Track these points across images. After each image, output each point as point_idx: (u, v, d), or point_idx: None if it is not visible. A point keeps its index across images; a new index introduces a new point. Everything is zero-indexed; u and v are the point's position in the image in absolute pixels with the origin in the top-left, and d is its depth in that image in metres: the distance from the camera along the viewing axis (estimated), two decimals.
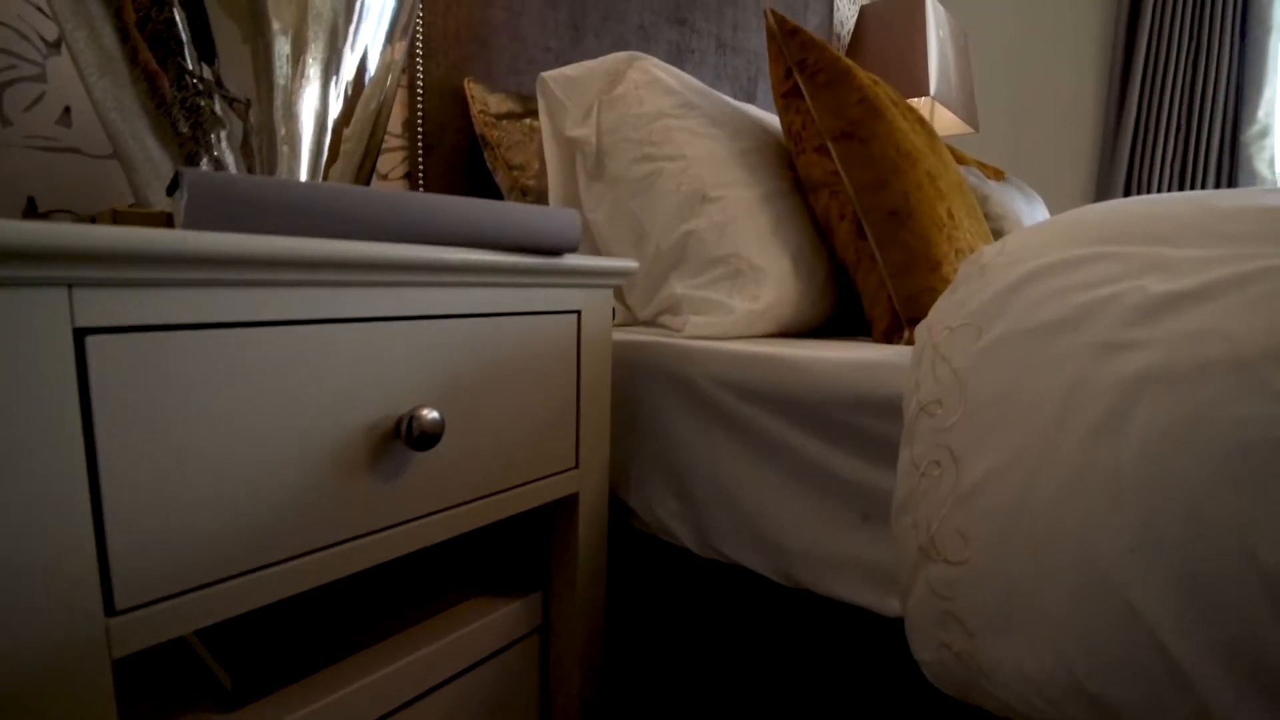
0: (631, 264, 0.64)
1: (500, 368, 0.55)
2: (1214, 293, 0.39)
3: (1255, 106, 1.99)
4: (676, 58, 1.40)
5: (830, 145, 0.78)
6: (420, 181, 1.00)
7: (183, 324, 0.37)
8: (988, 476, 0.41)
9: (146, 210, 0.49)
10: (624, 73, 0.86)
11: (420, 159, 1.00)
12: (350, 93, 0.59)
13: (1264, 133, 1.99)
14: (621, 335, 0.77)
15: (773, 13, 0.82)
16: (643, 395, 0.72)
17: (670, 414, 0.70)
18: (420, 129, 1.00)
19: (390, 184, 1.00)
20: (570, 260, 0.57)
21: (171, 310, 0.36)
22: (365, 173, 0.66)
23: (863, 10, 1.97)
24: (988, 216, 1.04)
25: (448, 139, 1.02)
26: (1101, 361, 0.39)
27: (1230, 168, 2.04)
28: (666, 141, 0.81)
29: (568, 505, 0.66)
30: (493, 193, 1.06)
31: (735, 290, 0.76)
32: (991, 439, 0.42)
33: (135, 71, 0.49)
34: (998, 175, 1.45)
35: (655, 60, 0.87)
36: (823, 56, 0.80)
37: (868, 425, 0.56)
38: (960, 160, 1.36)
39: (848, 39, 2.13)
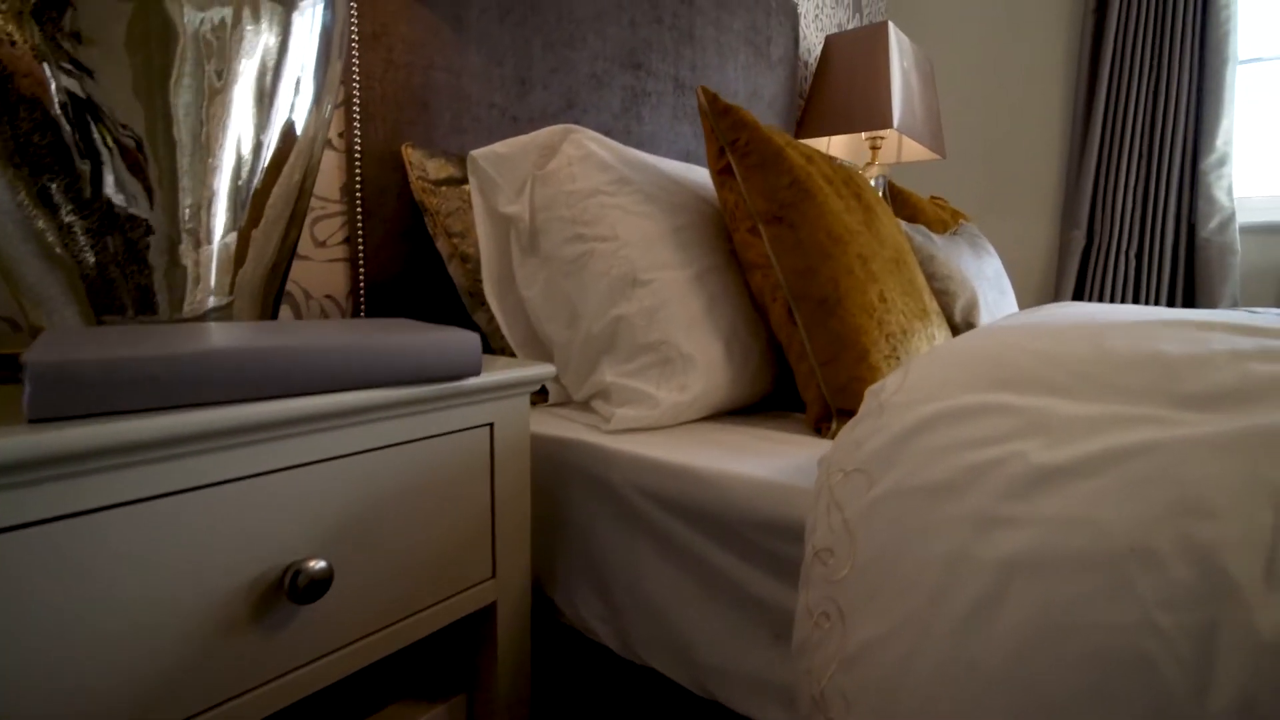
0: (545, 369, 0.63)
1: (402, 496, 0.54)
2: (1091, 469, 0.38)
3: (1214, 136, 2.01)
4: (633, 102, 1.39)
5: (761, 228, 0.78)
6: (360, 248, 0.98)
7: (30, 521, 0.36)
8: (869, 645, 0.41)
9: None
10: (558, 147, 0.85)
11: (360, 225, 0.98)
12: (271, 163, 0.57)
13: (1222, 161, 2.01)
14: (548, 428, 0.76)
15: (704, 90, 0.81)
16: (568, 495, 0.71)
17: (594, 517, 0.69)
18: (359, 194, 0.98)
19: (329, 250, 0.98)
20: (472, 382, 0.56)
21: (17, 510, 0.35)
22: (290, 243, 0.65)
23: (828, 40, 1.97)
24: (933, 277, 1.04)
25: (388, 204, 1.01)
26: (979, 537, 0.39)
27: (1191, 195, 2.06)
28: (599, 221, 0.80)
29: (488, 613, 0.65)
30: (435, 258, 1.05)
31: (664, 380, 0.75)
32: (875, 604, 0.41)
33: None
34: (955, 219, 1.45)
35: (590, 133, 0.86)
36: (754, 137, 0.79)
37: (779, 548, 0.56)
38: (916, 212, 1.36)
39: (814, 65, 2.13)
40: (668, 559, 0.63)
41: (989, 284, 1.12)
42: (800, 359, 0.77)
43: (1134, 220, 2.14)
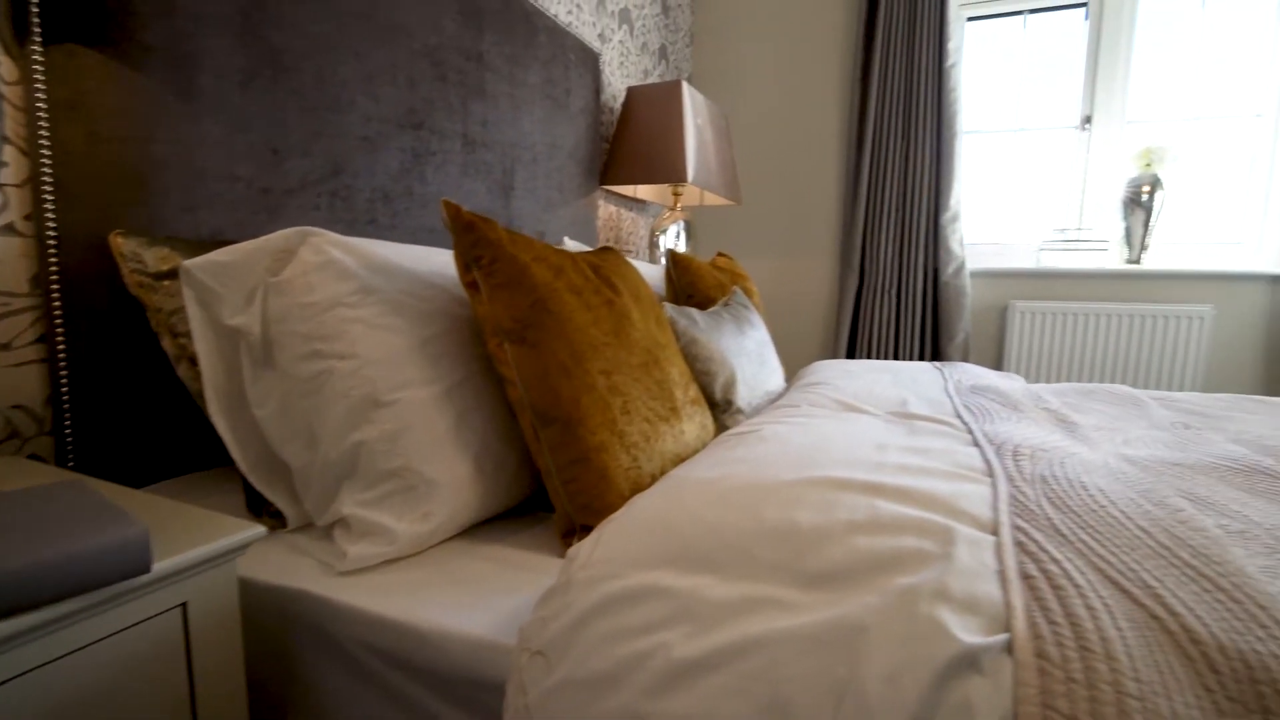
0: (248, 533, 0.59)
1: (80, 708, 0.48)
2: (717, 663, 0.43)
3: (949, 196, 2.38)
4: (414, 162, 1.34)
5: (506, 345, 0.79)
6: (60, 348, 0.85)
7: None
8: None
9: None
10: (294, 251, 0.80)
11: (59, 322, 0.85)
12: None
13: (955, 217, 2.39)
14: (274, 572, 0.71)
15: (447, 204, 0.80)
16: (297, 651, 0.67)
17: (323, 674, 0.66)
18: (57, 287, 0.85)
19: (15, 352, 0.84)
20: (142, 578, 0.51)
21: None
22: None
23: (629, 92, 2.04)
24: (695, 359, 1.12)
25: (101, 296, 0.88)
26: None
27: (934, 245, 2.42)
28: (339, 336, 0.77)
29: None
30: (164, 356, 0.94)
31: (406, 509, 0.73)
32: None
33: None
34: (735, 281, 1.58)
35: (331, 237, 0.82)
36: (499, 255, 0.80)
37: (499, 705, 0.57)
38: (696, 280, 1.45)
39: (619, 111, 2.19)
40: (400, 714, 0.62)
41: (750, 358, 1.23)
42: (548, 473, 0.79)
43: (893, 265, 2.47)
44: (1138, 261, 2.33)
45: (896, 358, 2.48)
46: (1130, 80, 2.41)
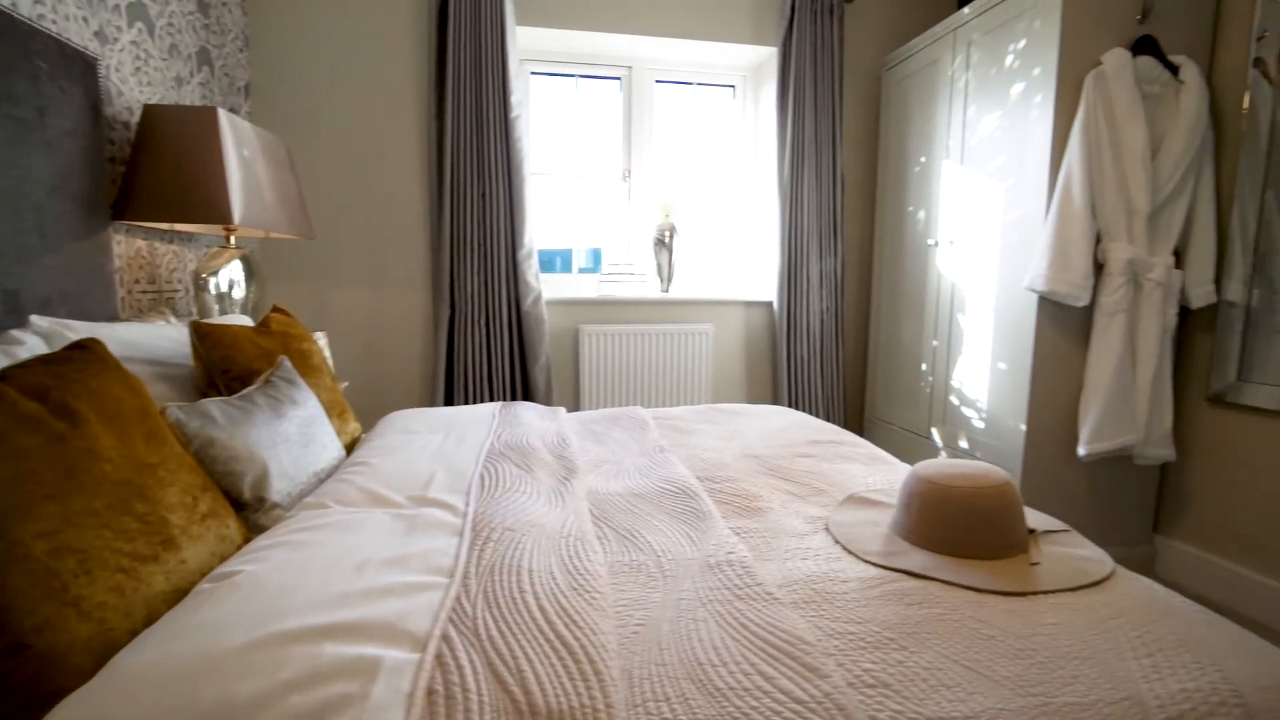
0: None
1: None
2: None
3: (523, 234, 2.65)
4: None
5: None
6: None
7: None
8: None
9: None
10: None
11: None
12: None
13: (530, 254, 2.68)
14: None
15: None
16: None
17: None
18: None
19: None
20: None
21: None
22: None
23: (148, 111, 1.73)
24: (216, 460, 1.06)
25: None
26: None
27: (515, 277, 2.68)
28: None
29: None
30: None
31: None
32: None
33: None
34: (285, 347, 1.50)
35: None
36: None
37: None
38: (232, 353, 1.34)
39: (136, 127, 1.83)
40: None
41: (290, 444, 1.20)
42: None
43: (480, 297, 2.65)
44: (667, 291, 2.97)
45: (490, 380, 2.68)
46: (653, 144, 3.04)
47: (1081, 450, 1.98)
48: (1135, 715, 0.69)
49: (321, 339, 2.25)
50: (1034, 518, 1.15)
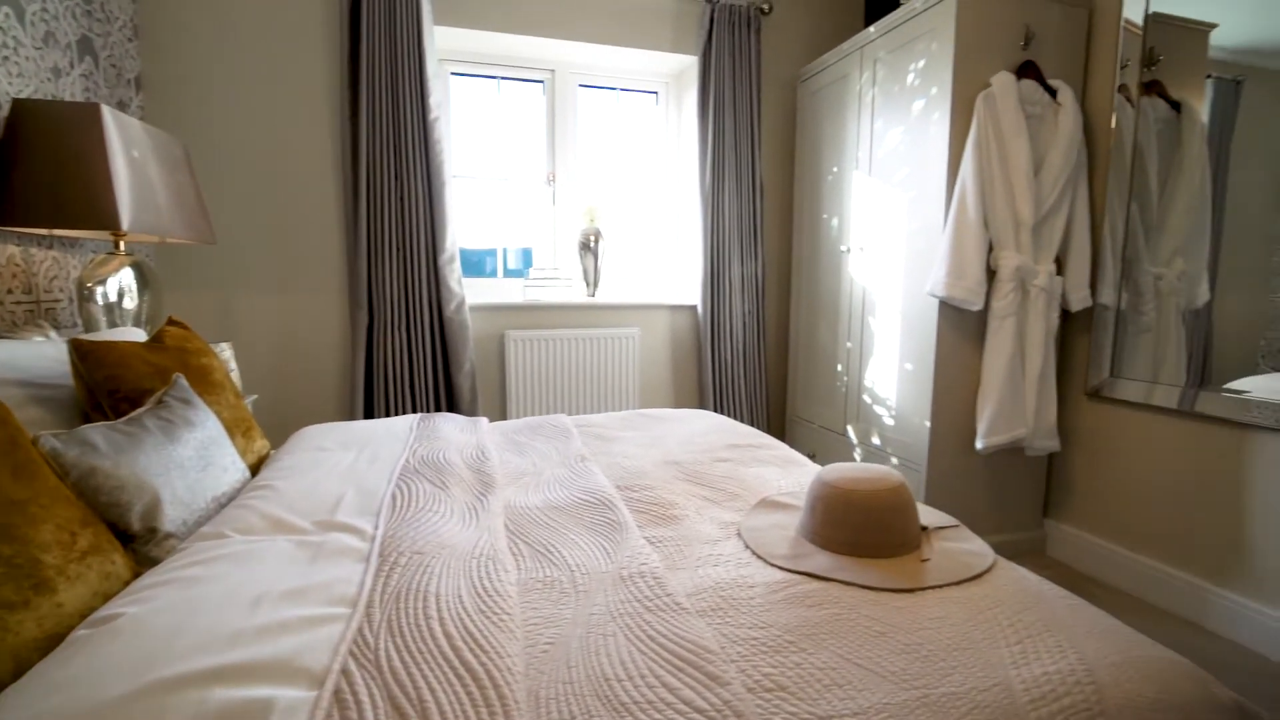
0: None
1: None
2: None
3: (444, 239, 2.60)
4: None
5: None
6: None
7: None
8: None
9: None
10: None
11: None
12: None
13: (452, 258, 2.63)
14: None
15: None
16: None
17: None
18: None
19: None
20: None
21: None
22: None
23: (17, 106, 1.59)
24: (100, 490, 0.99)
25: None
26: None
27: (436, 284, 2.62)
28: None
29: None
30: None
31: None
32: None
33: None
34: (181, 363, 1.42)
35: None
36: None
37: None
38: (120, 372, 1.25)
39: (3, 123, 1.68)
40: None
41: (185, 468, 1.14)
42: None
43: (400, 303, 2.58)
44: (593, 295, 2.98)
45: (412, 389, 2.62)
46: (578, 148, 3.04)
47: (979, 444, 2.13)
48: (1004, 700, 0.76)
49: (226, 351, 2.13)
50: (927, 515, 1.24)
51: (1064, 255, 2.16)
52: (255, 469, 1.47)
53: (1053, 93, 2.09)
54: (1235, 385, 1.79)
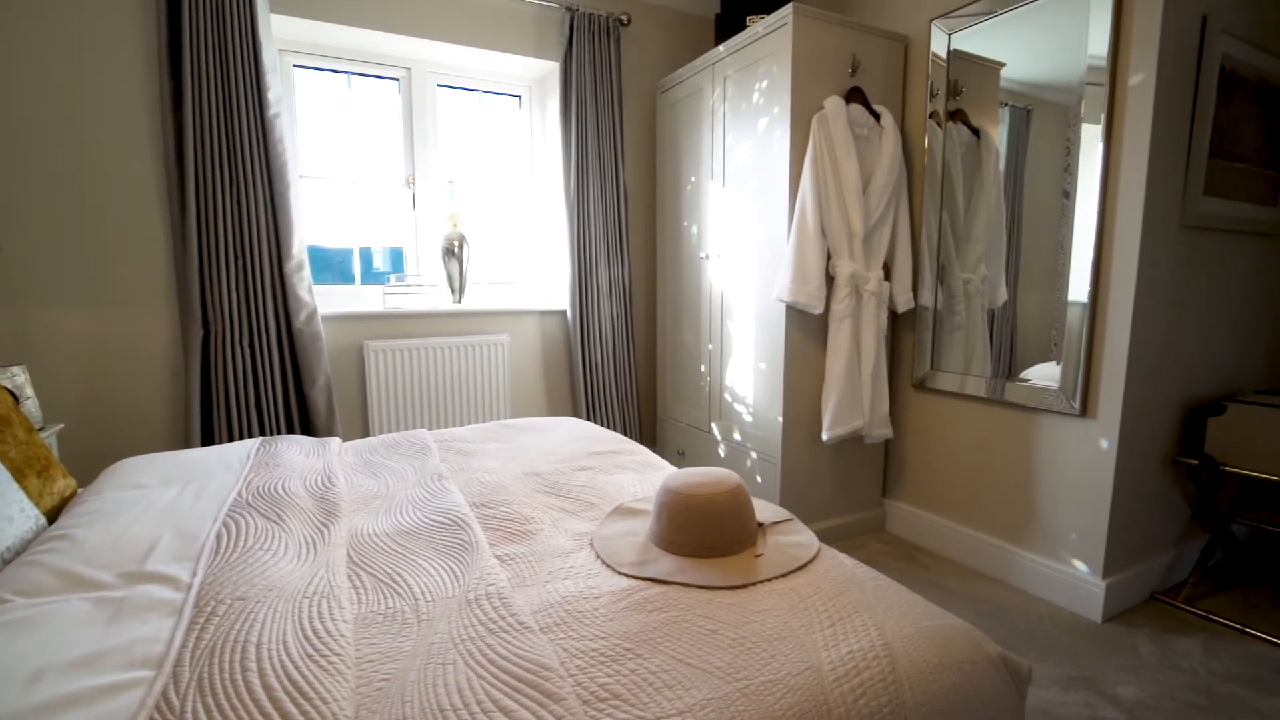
0: None
1: None
2: None
3: (290, 245, 2.42)
4: None
5: None
6: None
7: None
8: None
9: None
10: None
11: None
12: None
13: (300, 265, 2.46)
14: None
15: None
16: None
17: None
18: None
19: None
20: None
21: None
22: None
23: None
24: None
25: None
26: None
27: (283, 293, 2.44)
28: None
29: None
30: None
31: None
32: None
33: None
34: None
35: None
36: None
37: None
38: None
39: None
40: None
41: None
42: None
43: (242, 314, 2.37)
44: (459, 302, 2.91)
45: (260, 409, 2.42)
46: (439, 150, 2.94)
47: (825, 435, 2.32)
48: (813, 681, 0.85)
49: (20, 375, 1.87)
50: (763, 511, 1.34)
51: (890, 262, 2.41)
52: (55, 514, 1.30)
53: (877, 116, 2.31)
54: (1025, 374, 2.09)
